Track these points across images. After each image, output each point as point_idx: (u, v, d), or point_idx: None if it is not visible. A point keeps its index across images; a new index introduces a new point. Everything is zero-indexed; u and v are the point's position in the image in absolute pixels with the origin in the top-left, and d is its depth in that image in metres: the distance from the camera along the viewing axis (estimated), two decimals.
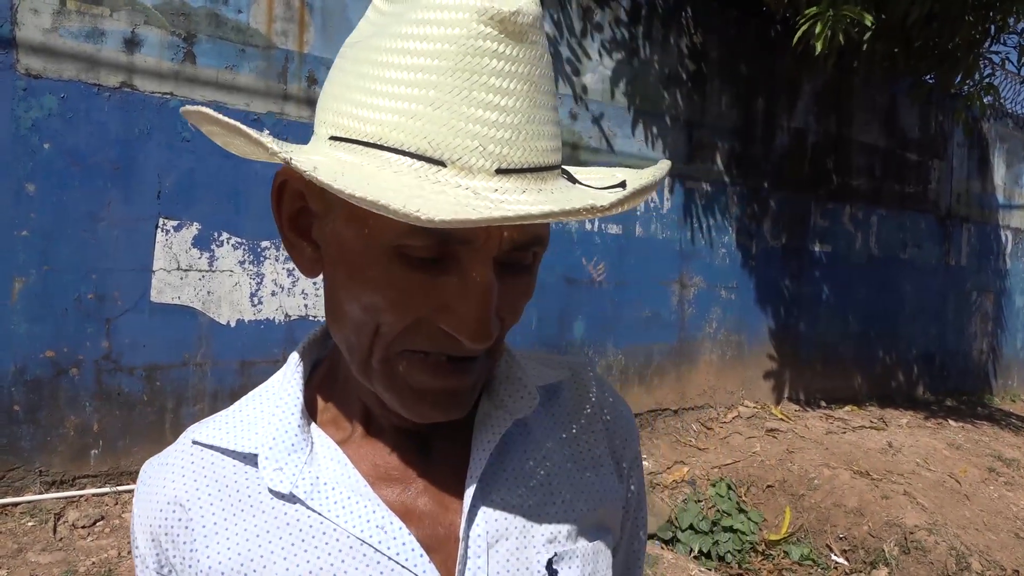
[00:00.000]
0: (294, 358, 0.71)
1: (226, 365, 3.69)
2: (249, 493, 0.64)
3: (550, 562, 0.66)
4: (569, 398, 0.78)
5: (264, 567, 0.61)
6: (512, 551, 0.65)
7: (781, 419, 5.69)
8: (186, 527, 0.64)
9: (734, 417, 5.63)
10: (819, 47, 4.59)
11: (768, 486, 4.62)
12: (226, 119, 0.55)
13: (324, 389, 0.71)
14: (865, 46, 5.17)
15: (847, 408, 6.43)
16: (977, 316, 8.37)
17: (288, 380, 0.69)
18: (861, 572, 3.91)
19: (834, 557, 4.03)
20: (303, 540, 0.62)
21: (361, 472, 0.65)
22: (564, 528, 0.68)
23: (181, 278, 3.55)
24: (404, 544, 0.62)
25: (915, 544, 3.90)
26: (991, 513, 4.37)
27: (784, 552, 4.06)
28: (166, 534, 0.65)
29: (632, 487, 0.80)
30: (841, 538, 4.14)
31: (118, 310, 3.40)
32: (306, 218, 0.64)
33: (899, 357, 7.39)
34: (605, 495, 0.74)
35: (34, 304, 3.21)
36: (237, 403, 0.71)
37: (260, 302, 3.77)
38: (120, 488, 3.38)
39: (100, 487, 3.36)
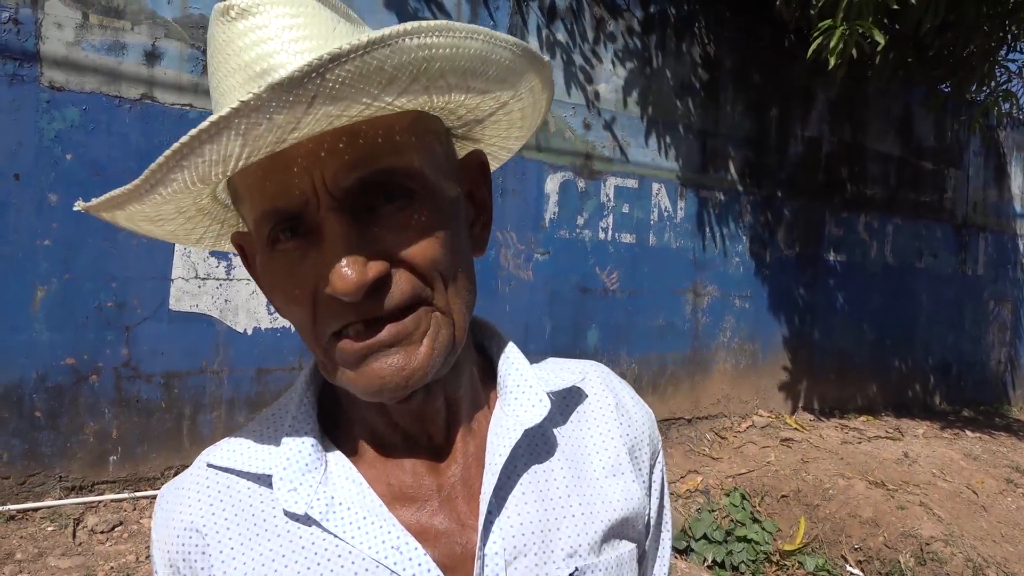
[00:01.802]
0: (305, 375, 0.71)
1: (243, 373, 3.74)
2: (265, 516, 0.64)
3: None
4: (587, 402, 0.76)
5: None
6: (531, 568, 0.63)
7: (796, 429, 5.66)
8: (203, 552, 0.63)
9: (748, 426, 5.61)
10: (832, 61, 4.59)
11: (782, 496, 4.59)
12: (94, 202, 0.61)
13: (335, 407, 0.71)
14: (879, 57, 5.16)
15: (862, 418, 6.38)
16: (995, 326, 8.29)
17: (300, 399, 0.69)
18: None
19: (849, 568, 4.00)
20: (319, 563, 0.61)
21: (376, 491, 0.64)
22: (585, 541, 0.66)
23: (199, 286, 3.60)
24: (420, 565, 0.60)
25: (931, 555, 3.87)
26: (1009, 524, 4.33)
27: (799, 562, 4.04)
28: (183, 560, 0.64)
29: (655, 491, 0.77)
30: (856, 549, 4.11)
31: (137, 318, 3.45)
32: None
33: (915, 367, 7.33)
34: (627, 503, 0.71)
35: (55, 312, 3.26)
36: (251, 423, 0.71)
37: (276, 310, 3.81)
38: (138, 494, 3.42)
39: (119, 493, 3.40)
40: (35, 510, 3.20)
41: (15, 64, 3.14)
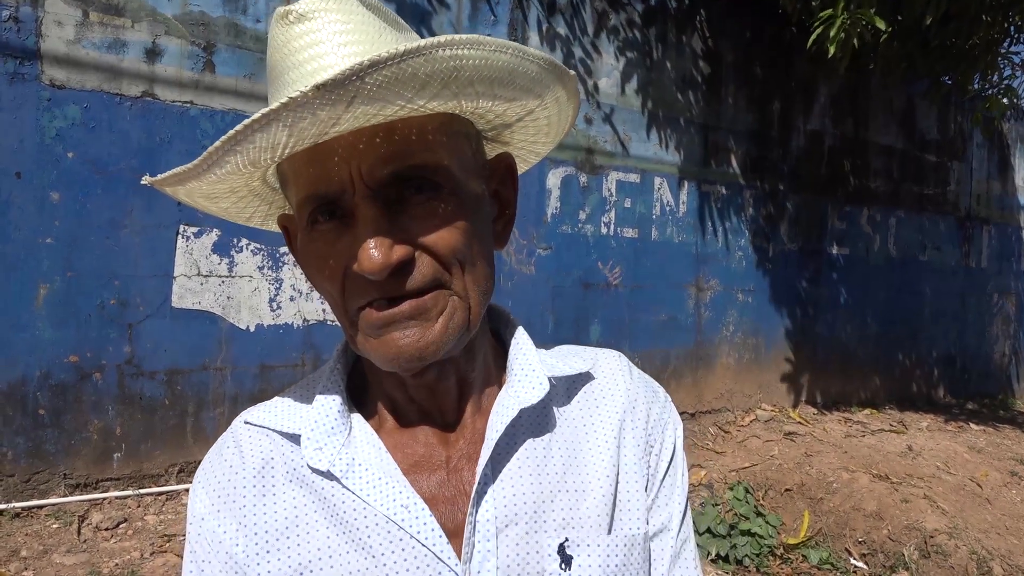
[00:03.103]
0: (337, 350, 0.78)
1: (245, 369, 3.74)
2: (292, 468, 0.71)
3: (562, 547, 0.68)
4: (595, 386, 0.80)
5: (306, 532, 0.68)
6: (522, 535, 0.68)
7: (799, 422, 5.66)
8: (238, 496, 0.71)
9: (752, 420, 5.61)
10: (832, 50, 4.57)
11: (786, 490, 4.59)
12: (165, 175, 0.67)
13: (362, 381, 0.78)
14: (881, 48, 5.14)
15: (866, 411, 6.37)
16: (998, 318, 8.28)
17: (331, 371, 0.76)
18: None
19: (853, 561, 4.00)
20: (335, 515, 0.68)
21: (395, 458, 0.71)
22: (580, 515, 0.70)
23: (201, 284, 3.60)
24: (426, 524, 0.66)
25: (935, 548, 3.87)
26: (1013, 517, 4.32)
27: (803, 556, 4.04)
28: (222, 499, 0.71)
29: (667, 474, 0.79)
30: (860, 542, 4.11)
31: (140, 315, 3.46)
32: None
33: (918, 360, 7.32)
34: (629, 485, 0.75)
35: (58, 310, 3.27)
36: (286, 390, 0.78)
37: (279, 307, 3.81)
38: (142, 491, 3.43)
39: (123, 490, 3.41)
40: (40, 507, 3.21)
41: (16, 62, 3.14)
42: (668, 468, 0.79)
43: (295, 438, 0.72)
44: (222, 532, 0.70)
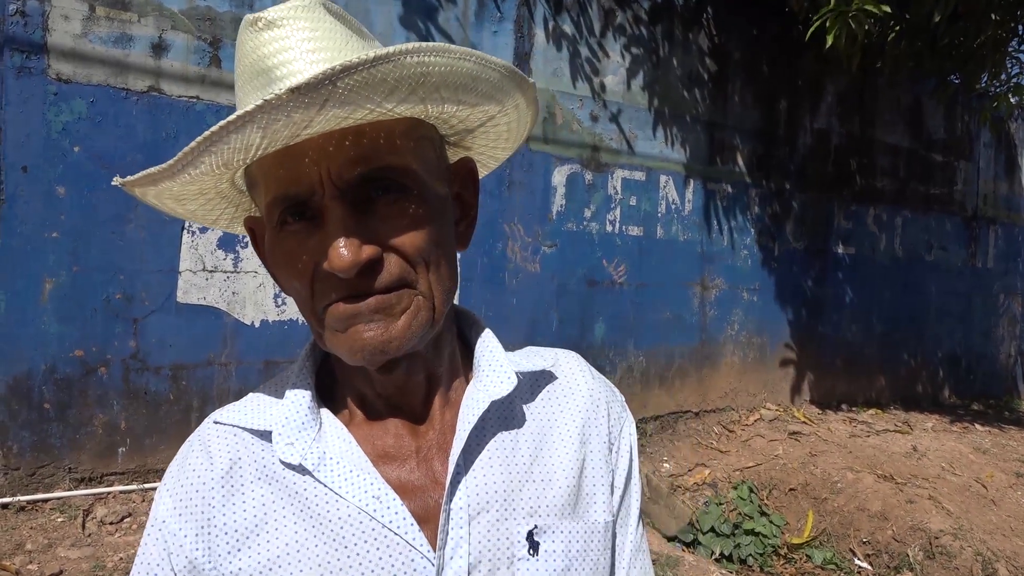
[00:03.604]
0: (305, 350, 0.80)
1: (250, 365, 3.74)
2: (264, 464, 0.73)
3: (531, 533, 0.71)
4: (556, 384, 0.83)
5: (276, 528, 0.69)
6: (493, 523, 0.70)
7: (804, 422, 5.65)
8: (209, 489, 0.72)
9: (756, 420, 5.59)
10: (829, 40, 4.56)
11: (790, 489, 4.58)
12: (133, 177, 0.69)
13: (331, 378, 0.80)
14: (888, 46, 5.12)
15: (871, 411, 6.36)
16: (1004, 319, 8.24)
17: (300, 369, 0.77)
18: None
19: (857, 562, 3.99)
20: (309, 508, 0.69)
21: (364, 451, 0.72)
22: (546, 503, 0.73)
23: (206, 279, 3.61)
24: (397, 514, 0.68)
25: (940, 549, 3.86)
26: (1018, 519, 4.31)
27: (807, 556, 4.03)
28: (190, 498, 0.72)
29: (622, 470, 0.83)
30: (865, 542, 4.10)
31: (145, 310, 3.46)
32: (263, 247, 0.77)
33: (924, 360, 7.30)
34: (592, 476, 0.78)
35: (64, 304, 3.27)
36: (255, 390, 0.80)
37: (283, 302, 3.81)
38: (147, 485, 3.44)
39: (127, 484, 3.41)
40: (45, 501, 3.21)
41: (22, 56, 3.14)
42: (630, 466, 0.84)
43: (266, 435, 0.73)
44: (183, 536, 0.71)
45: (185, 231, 3.54)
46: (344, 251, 0.62)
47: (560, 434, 0.79)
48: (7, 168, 3.14)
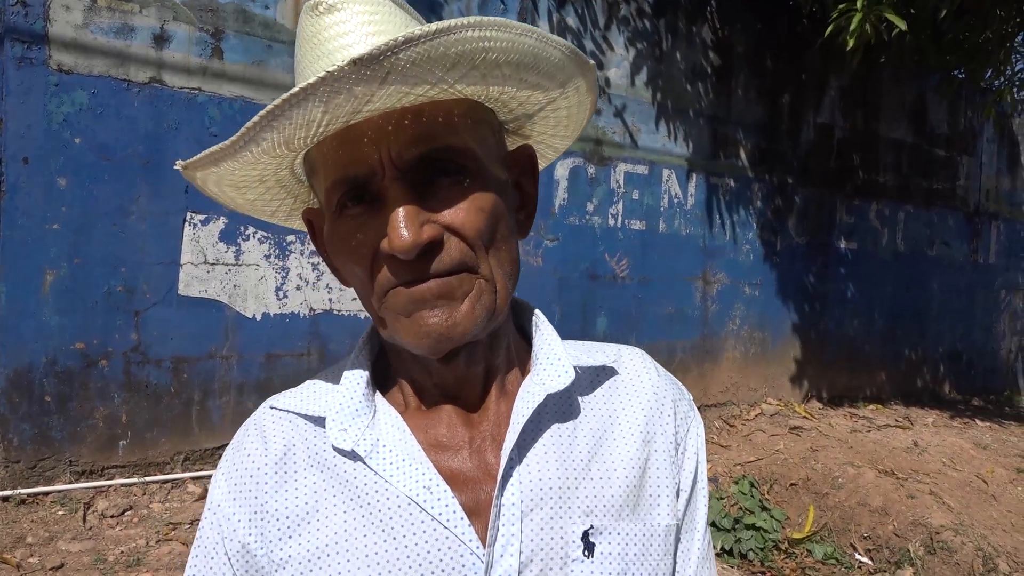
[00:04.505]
0: (363, 338, 0.79)
1: (251, 358, 3.73)
2: (316, 451, 0.72)
3: (586, 534, 0.68)
4: (619, 379, 0.80)
5: (326, 516, 0.68)
6: (547, 520, 0.67)
7: (805, 417, 5.64)
8: (263, 474, 0.72)
9: (757, 414, 5.59)
10: (851, 42, 4.53)
11: (791, 484, 4.58)
12: (196, 158, 0.68)
13: (387, 366, 0.79)
14: (893, 41, 5.09)
15: (872, 406, 6.36)
16: (1006, 315, 8.24)
17: (356, 356, 0.77)
18: (886, 572, 3.87)
19: (858, 556, 3.99)
20: (359, 496, 0.68)
21: (418, 439, 0.71)
22: (604, 503, 0.70)
23: (208, 272, 3.59)
24: (447, 506, 0.66)
25: (941, 544, 3.86)
26: (1019, 514, 4.31)
27: (807, 551, 4.03)
28: (244, 483, 0.72)
29: (688, 472, 0.79)
30: (865, 537, 4.10)
31: (146, 303, 3.45)
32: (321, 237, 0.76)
33: (925, 355, 7.29)
34: (655, 477, 0.75)
35: (65, 296, 3.26)
36: (312, 378, 0.79)
37: (285, 296, 3.80)
38: (148, 479, 3.43)
39: (128, 477, 3.41)
40: (45, 494, 3.21)
41: (23, 47, 3.12)
42: (696, 468, 0.80)
43: (320, 421, 0.73)
44: (236, 521, 0.71)
45: (187, 223, 3.53)
46: (404, 232, 0.61)
47: (621, 431, 0.76)
48: (8, 159, 3.12)
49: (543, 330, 0.80)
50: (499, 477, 0.67)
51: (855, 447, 4.99)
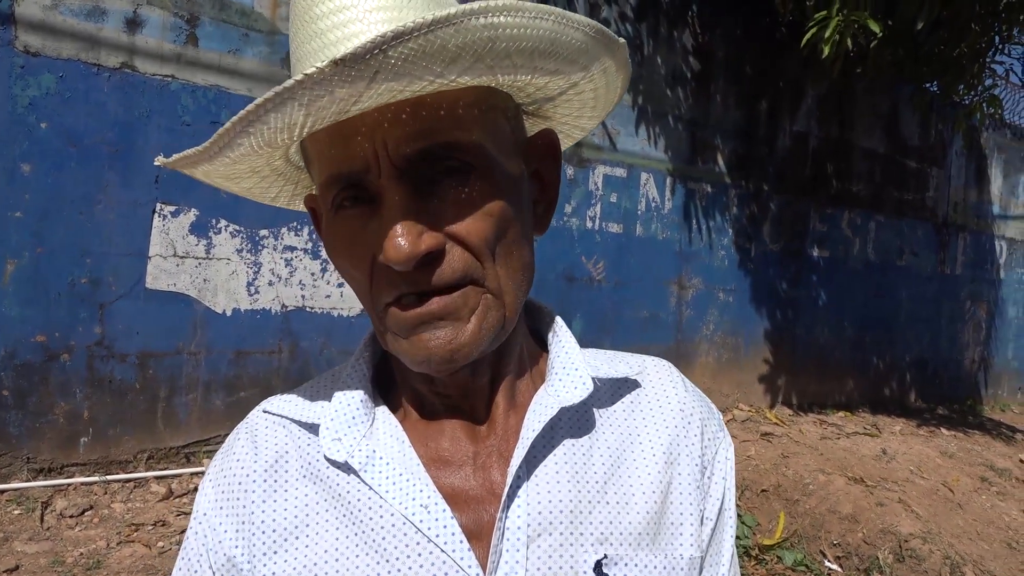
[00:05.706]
0: (364, 340, 0.73)
1: (220, 354, 3.63)
2: (309, 460, 0.67)
3: (599, 564, 0.62)
4: (642, 394, 0.73)
5: (315, 532, 0.63)
6: (556, 547, 0.61)
7: (775, 423, 5.67)
8: (252, 482, 0.67)
9: (728, 420, 5.61)
10: (827, 51, 4.56)
11: (762, 490, 4.60)
12: (181, 156, 0.61)
13: (389, 372, 0.73)
14: (872, 52, 5.15)
15: (840, 414, 6.42)
16: (970, 325, 8.39)
17: (356, 360, 0.71)
18: None
19: (828, 563, 4.01)
20: (350, 512, 0.63)
21: (418, 452, 0.65)
22: (620, 530, 0.64)
23: (177, 265, 3.49)
24: (445, 527, 0.61)
25: (909, 552, 3.89)
26: (984, 523, 4.37)
27: (778, 557, 4.04)
28: (231, 490, 0.67)
29: (714, 499, 0.72)
30: (835, 544, 4.12)
31: (112, 295, 3.34)
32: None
33: (892, 364, 7.40)
34: (679, 503, 0.68)
35: (26, 287, 3.14)
36: (311, 380, 0.74)
37: (257, 291, 3.71)
38: (110, 477, 3.32)
39: (89, 476, 3.30)
40: (1, 492, 3.09)
41: None
42: (724, 493, 0.73)
43: (314, 429, 0.68)
44: (223, 531, 0.66)
45: (156, 215, 3.42)
46: (401, 241, 0.55)
47: (643, 451, 0.69)
48: None
49: (561, 337, 0.72)
50: (504, 496, 0.61)
51: (825, 454, 5.02)
